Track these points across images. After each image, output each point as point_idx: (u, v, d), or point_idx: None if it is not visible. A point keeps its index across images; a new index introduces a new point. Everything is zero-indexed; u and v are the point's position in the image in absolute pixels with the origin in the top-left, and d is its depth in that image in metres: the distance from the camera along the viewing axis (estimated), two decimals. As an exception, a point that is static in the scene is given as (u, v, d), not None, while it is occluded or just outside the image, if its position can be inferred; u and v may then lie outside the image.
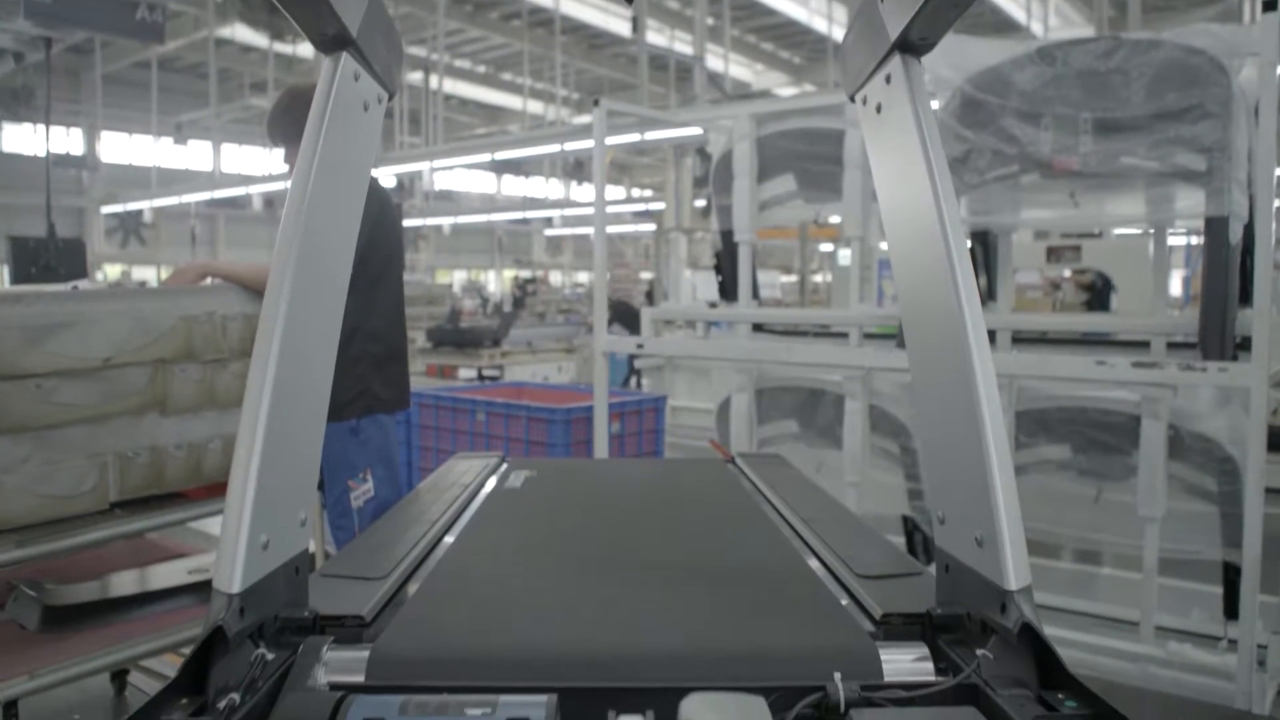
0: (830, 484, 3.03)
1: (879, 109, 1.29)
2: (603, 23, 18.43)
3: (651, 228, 19.26)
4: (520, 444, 5.20)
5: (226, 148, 21.46)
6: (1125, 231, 10.62)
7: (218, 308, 2.78)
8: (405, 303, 3.46)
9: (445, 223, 24.22)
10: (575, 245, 32.22)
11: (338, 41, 1.21)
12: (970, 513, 1.13)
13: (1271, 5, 3.02)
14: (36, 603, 2.60)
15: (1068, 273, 9.75)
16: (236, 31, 17.05)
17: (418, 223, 22.81)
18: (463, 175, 27.20)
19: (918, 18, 1.12)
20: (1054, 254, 9.60)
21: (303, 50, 16.35)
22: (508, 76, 21.26)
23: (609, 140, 4.83)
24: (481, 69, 21.39)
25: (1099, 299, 9.12)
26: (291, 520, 1.19)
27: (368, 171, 1.36)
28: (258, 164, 21.69)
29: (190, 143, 19.71)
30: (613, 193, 25.68)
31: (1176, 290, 10.54)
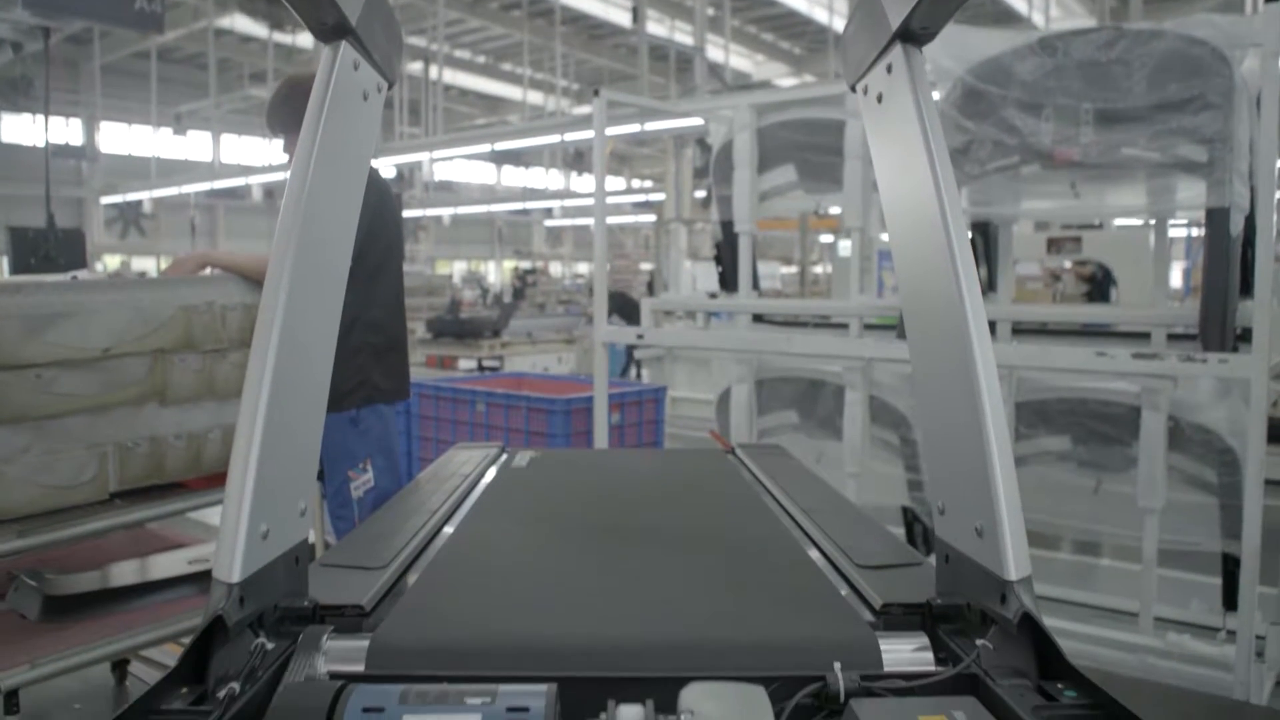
0: (830, 475, 3.03)
1: (880, 99, 1.29)
2: (603, 13, 18.39)
3: (652, 219, 19.27)
4: (520, 434, 5.20)
5: (226, 138, 21.43)
6: (1126, 223, 10.61)
7: (217, 298, 2.78)
8: (405, 293, 3.46)
9: (445, 213, 24.19)
10: (575, 236, 32.22)
11: (337, 30, 1.20)
12: (970, 503, 1.13)
13: (1274, -4, 3.00)
14: (37, 592, 2.60)
15: (1068, 264, 9.75)
16: (236, 21, 17.00)
17: (417, 213, 22.78)
18: (462, 166, 27.15)
19: (919, 7, 1.12)
20: (1054, 245, 9.59)
21: (302, 40, 16.32)
22: (508, 67, 21.21)
23: (609, 131, 4.81)
24: (481, 59, 21.35)
25: (1099, 290, 9.11)
26: (291, 510, 1.19)
27: (367, 161, 1.35)
28: (257, 155, 21.68)
29: (190, 133, 19.68)
30: (613, 183, 25.62)
31: (1177, 282, 10.52)
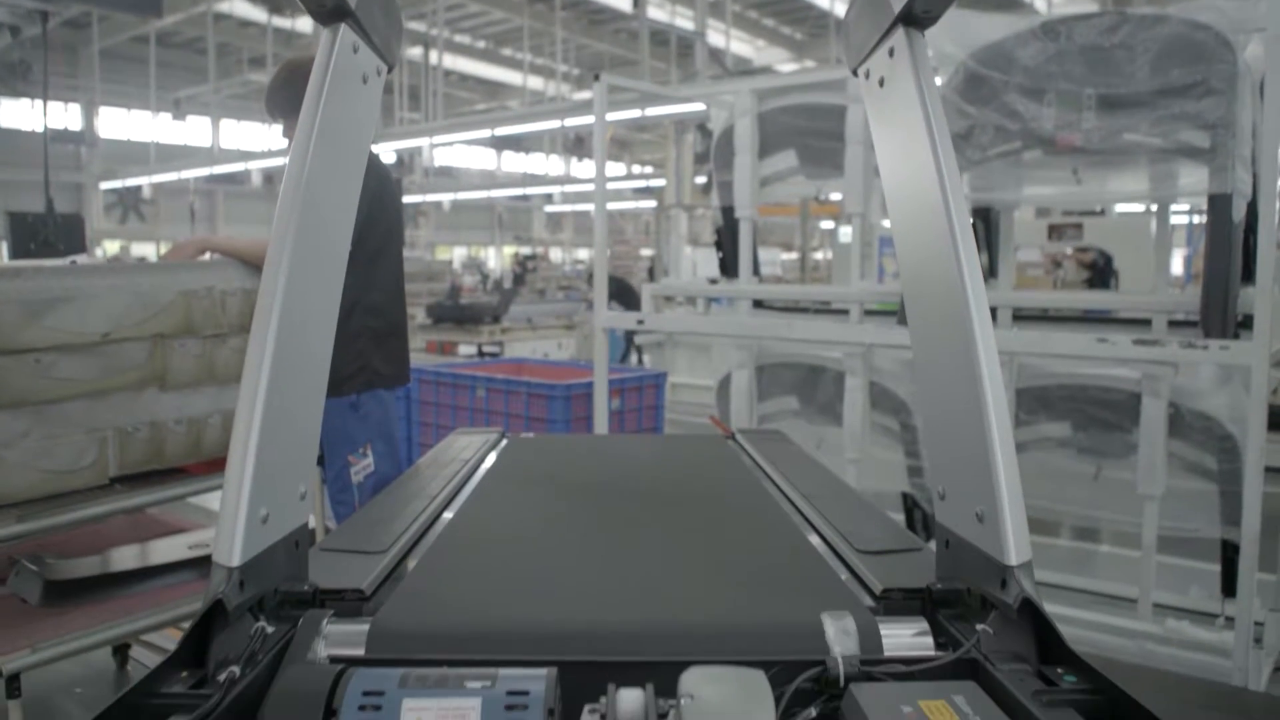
0: (830, 461, 3.03)
1: (882, 83, 1.28)
2: (603, -3, 18.33)
3: (652, 204, 19.23)
4: (520, 420, 5.21)
5: (225, 123, 21.40)
6: (1127, 210, 10.60)
7: (217, 283, 2.78)
8: (405, 279, 3.45)
9: (445, 199, 24.17)
10: (575, 222, 32.18)
11: (336, 13, 1.20)
12: (971, 488, 1.13)
13: (1279, -20, 2.99)
14: (38, 577, 2.61)
15: (1069, 250, 9.74)
16: (234, 6, 16.96)
17: (417, 199, 22.75)
18: (463, 151, 27.10)
19: (921, -10, 1.11)
20: (1055, 231, 9.58)
21: (302, 25, 16.28)
22: (508, 52, 21.14)
23: (610, 116, 4.80)
24: (481, 44, 21.27)
25: (1100, 277, 9.11)
26: (291, 494, 1.19)
27: (367, 144, 1.35)
28: (257, 140, 21.63)
29: (189, 118, 19.64)
30: (613, 169, 25.57)
31: (1178, 269, 10.51)
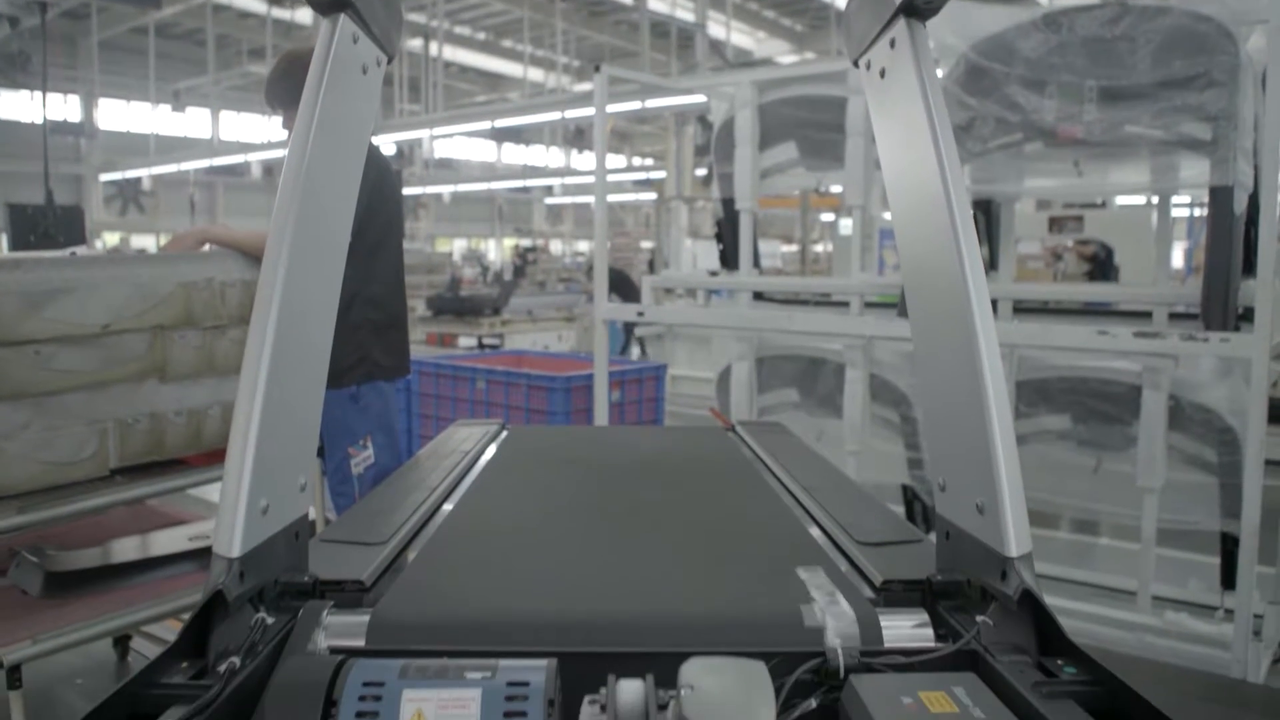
0: (830, 453, 3.03)
1: (883, 74, 1.28)
2: (604, -11, 18.29)
3: (652, 196, 19.20)
4: (520, 412, 5.20)
5: (225, 115, 21.35)
6: (1128, 202, 10.58)
7: (216, 274, 2.78)
8: (405, 271, 3.45)
9: (445, 191, 24.14)
10: (576, 214, 32.12)
11: (336, 3, 1.19)
12: (971, 480, 1.13)
13: (1281, -28, 2.98)
14: (38, 568, 2.61)
15: (1069, 243, 9.72)
16: (234, -3, 16.91)
17: (417, 191, 22.72)
18: (463, 143, 27.07)
19: (923, -20, 1.11)
20: (1056, 224, 9.56)
21: (301, 16, 16.23)
22: (508, 43, 21.09)
23: (610, 108, 4.79)
24: (481, 36, 21.21)
25: (1101, 270, 9.08)
26: (291, 485, 1.19)
27: (367, 135, 1.34)
28: (256, 131, 21.57)
29: (188, 110, 19.60)
30: (614, 161, 25.55)
31: (1178, 262, 10.49)
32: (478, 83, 24.92)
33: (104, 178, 20.43)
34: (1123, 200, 10.78)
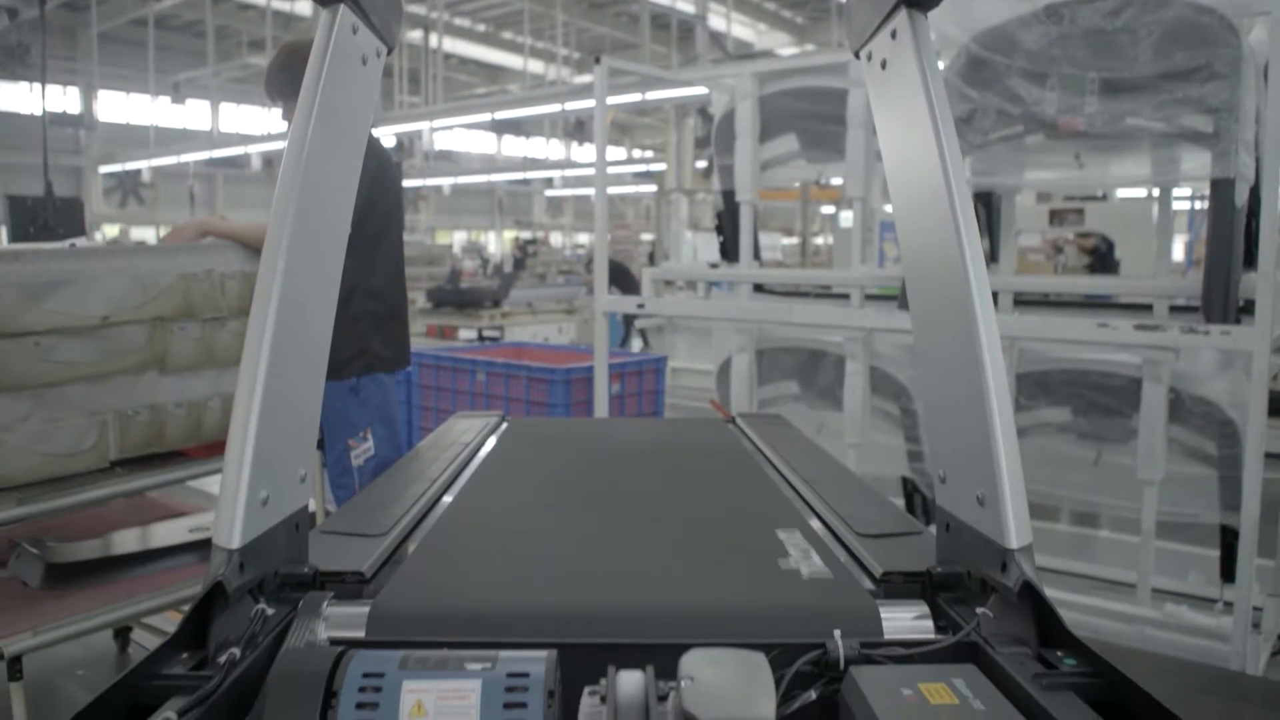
0: (830, 445, 3.03)
1: (884, 65, 1.27)
2: (604, -19, 18.24)
3: (653, 189, 19.19)
4: (520, 404, 5.21)
5: (225, 107, 21.32)
6: (1128, 195, 10.57)
7: (216, 265, 2.77)
8: (405, 263, 3.44)
9: (445, 183, 24.10)
10: (576, 206, 32.11)
11: None
12: (972, 471, 1.13)
13: (1284, -36, 2.97)
14: (39, 560, 2.61)
15: (1070, 236, 9.71)
16: (233, -12, 16.86)
17: (417, 183, 22.69)
18: (463, 135, 27.00)
19: (925, -29, 1.10)
20: (1057, 217, 9.55)
21: (301, 7, 16.18)
22: (508, 35, 21.05)
23: (610, 100, 4.78)
24: (481, 27, 21.17)
25: (1101, 262, 9.08)
26: (291, 476, 1.19)
27: (366, 126, 1.34)
28: (256, 123, 21.55)
29: (188, 102, 19.55)
30: (614, 153, 25.50)
31: (1178, 255, 10.48)
32: (478, 75, 24.88)
33: (103, 170, 20.41)
34: (1123, 193, 10.76)
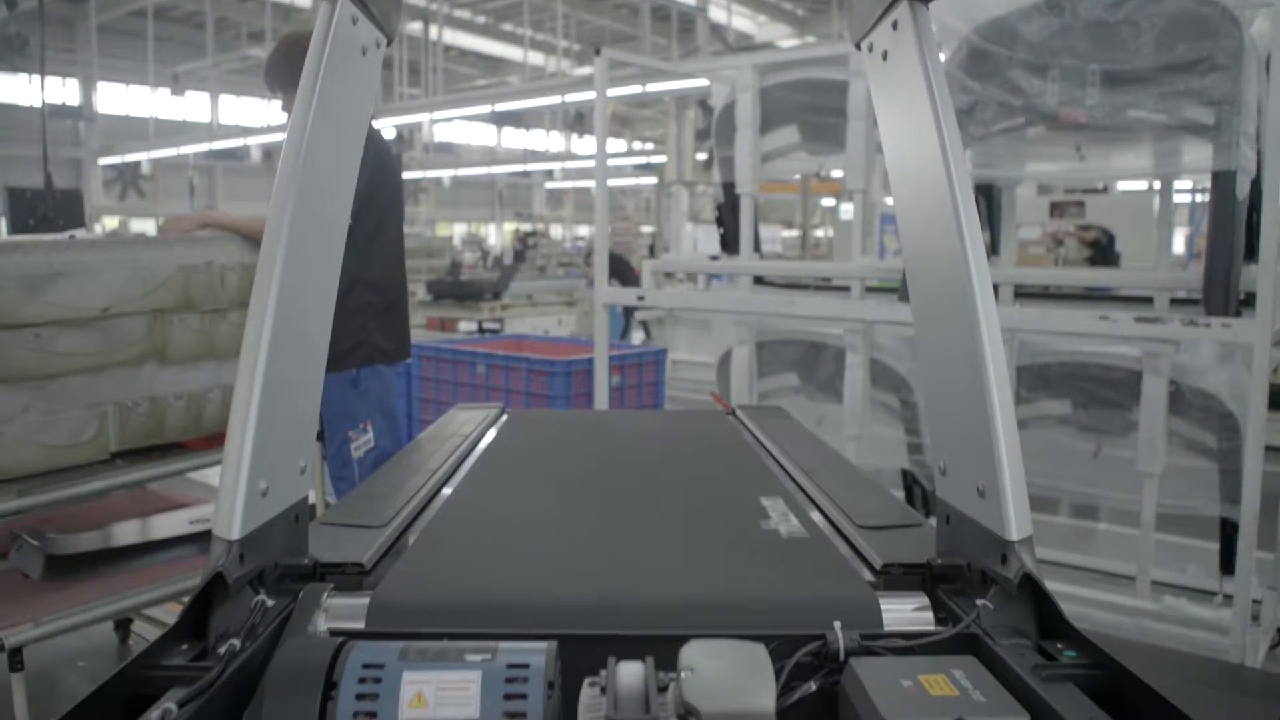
0: (830, 438, 3.03)
1: (885, 56, 1.27)
2: (605, -28, 18.19)
3: (653, 181, 19.15)
4: (520, 396, 5.20)
5: (224, 99, 21.26)
6: (1129, 188, 10.55)
7: (216, 257, 2.77)
8: (405, 254, 3.44)
9: (445, 175, 24.06)
10: (576, 199, 32.05)
11: None
12: (972, 463, 1.13)
13: (1286, -46, 2.97)
14: (39, 552, 2.61)
15: (1071, 228, 9.70)
16: (233, -21, 16.81)
17: (417, 175, 22.65)
18: (463, 127, 26.97)
19: (926, -39, 1.10)
20: (1058, 209, 9.54)
21: (300, -2, 16.14)
22: (508, 27, 21.00)
23: (611, 92, 4.78)
24: (481, 19, 21.12)
25: (1102, 255, 9.06)
26: (291, 468, 1.19)
27: (366, 117, 1.34)
28: (256, 115, 21.49)
29: (187, 94, 19.52)
30: (614, 146, 25.46)
31: (1179, 248, 10.47)
32: (478, 66, 24.82)
33: (103, 161, 20.37)
34: (1124, 186, 10.76)
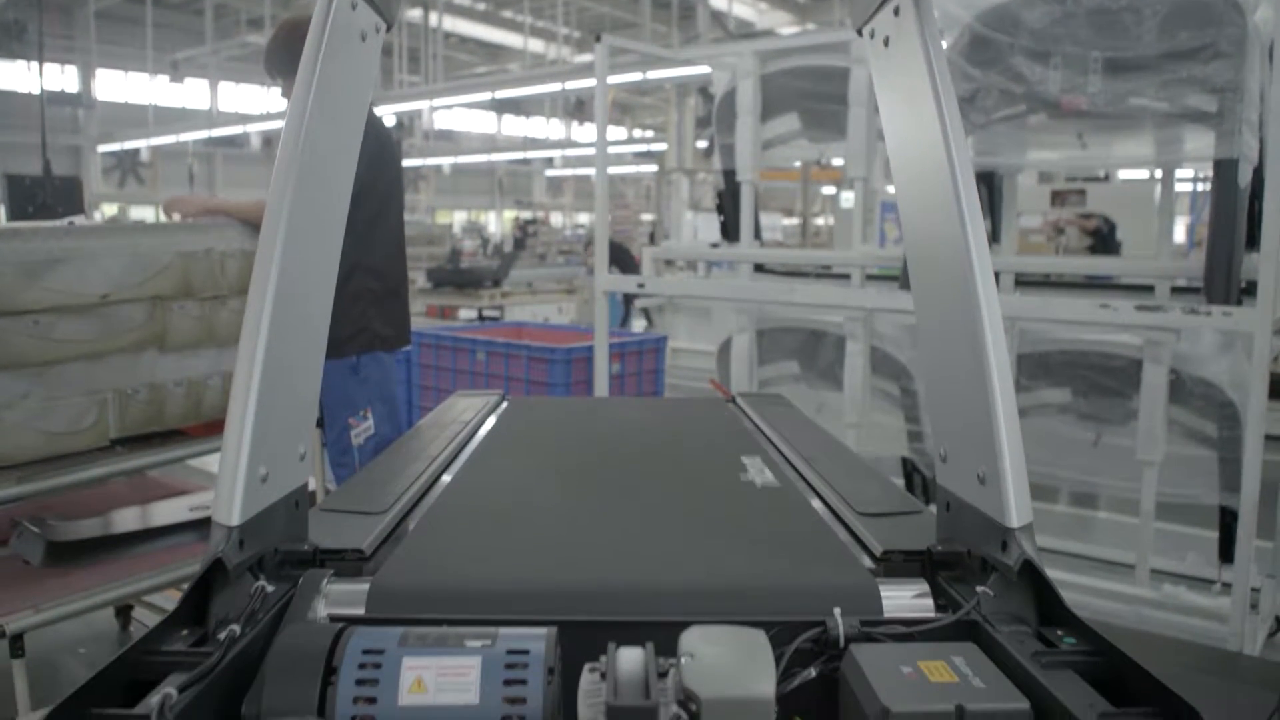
0: (830, 425, 3.03)
1: (886, 42, 1.26)
2: (605, -42, 18.11)
3: (653, 169, 19.11)
4: (520, 384, 5.21)
5: (224, 86, 21.20)
6: (1130, 176, 10.53)
7: (215, 244, 2.77)
8: (405, 241, 3.44)
9: (445, 163, 24.01)
10: (576, 186, 31.99)
11: None
12: (972, 450, 1.13)
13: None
14: (40, 538, 2.61)
15: (1072, 216, 9.67)
16: (232, -34, 16.74)
17: (417, 163, 22.60)
18: (463, 115, 26.90)
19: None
20: (1058, 198, 9.51)
21: (300, -15, 16.08)
22: (508, 14, 20.92)
23: (611, 79, 4.76)
24: (481, 6, 21.03)
25: (1103, 244, 9.04)
26: (290, 454, 1.19)
27: (365, 102, 1.33)
28: (255, 102, 21.44)
29: (187, 81, 19.47)
30: (614, 133, 25.39)
31: (1180, 237, 10.45)
32: (478, 54, 24.74)
33: (102, 149, 20.33)
34: (1125, 174, 10.73)
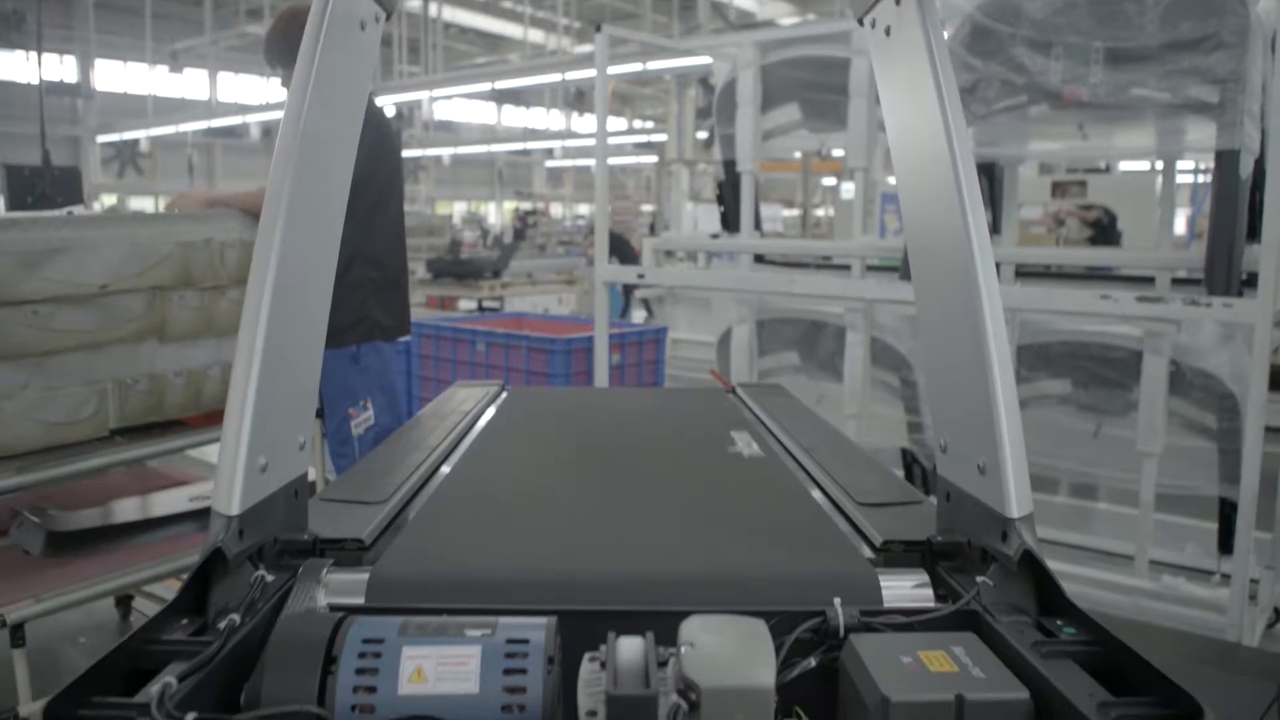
0: (830, 416, 3.03)
1: (888, 32, 1.26)
2: (605, -52, 18.06)
3: (653, 159, 19.08)
4: (520, 374, 5.21)
5: (223, 76, 21.15)
6: (1131, 167, 10.51)
7: (215, 234, 2.76)
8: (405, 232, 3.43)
9: (445, 154, 23.98)
10: (576, 177, 31.94)
11: None
12: (973, 440, 1.13)
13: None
14: (40, 528, 2.61)
15: (1072, 208, 9.65)
16: (231, -45, 16.69)
17: (417, 153, 22.57)
18: (462, 105, 26.84)
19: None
20: (1059, 189, 9.49)
21: (299, -25, 16.01)
22: (508, 4, 20.85)
23: (611, 69, 4.75)
24: (481, -4, 21.01)
25: (1104, 235, 9.02)
26: (290, 443, 1.18)
27: (365, 91, 1.33)
28: (255, 93, 21.40)
29: (186, 71, 19.40)
30: (614, 124, 25.34)
31: (1181, 228, 10.44)
32: (477, 44, 24.67)
33: (101, 139, 20.30)
34: (1126, 165, 10.71)
